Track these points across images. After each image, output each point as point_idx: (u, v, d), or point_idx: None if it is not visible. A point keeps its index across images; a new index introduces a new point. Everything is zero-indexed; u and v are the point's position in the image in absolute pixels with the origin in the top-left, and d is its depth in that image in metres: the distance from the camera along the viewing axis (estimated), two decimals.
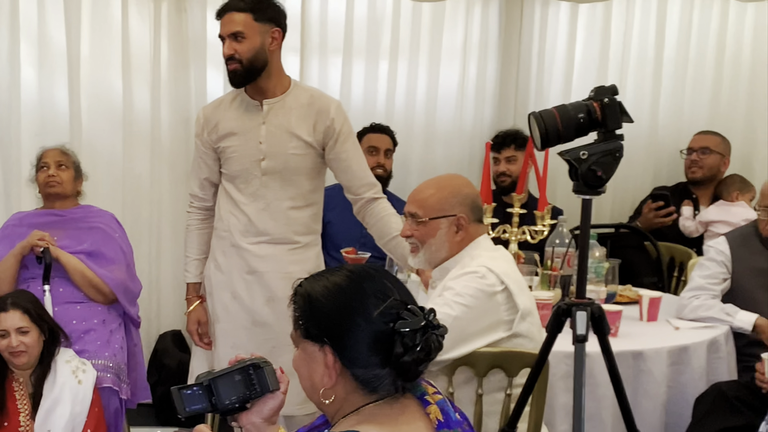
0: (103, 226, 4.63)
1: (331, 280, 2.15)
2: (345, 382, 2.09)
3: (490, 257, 3.40)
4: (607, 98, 2.93)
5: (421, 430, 2.08)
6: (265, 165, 4.11)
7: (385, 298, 2.10)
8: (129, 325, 4.61)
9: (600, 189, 2.98)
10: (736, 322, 4.51)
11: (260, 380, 2.30)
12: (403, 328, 2.05)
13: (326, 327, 2.09)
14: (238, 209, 4.18)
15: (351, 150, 4.19)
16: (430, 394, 2.16)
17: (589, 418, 3.89)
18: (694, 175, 6.22)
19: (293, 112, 4.12)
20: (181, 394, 2.30)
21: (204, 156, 4.27)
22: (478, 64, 6.38)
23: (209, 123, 4.22)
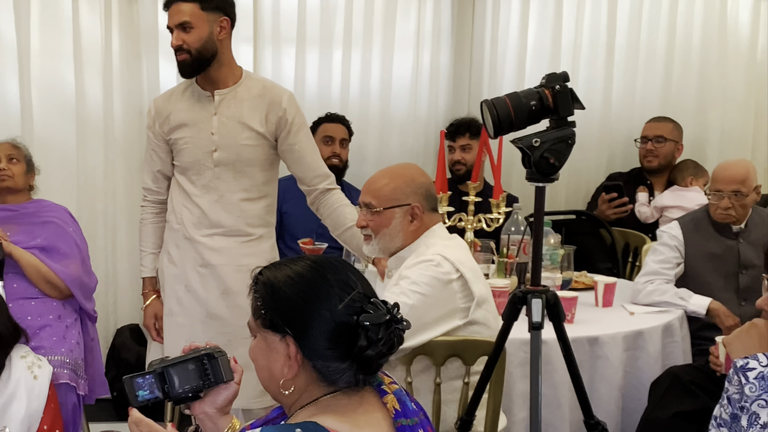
0: (57, 221, 4.58)
1: (294, 269, 2.12)
2: (305, 373, 2.08)
3: (445, 245, 3.41)
4: (559, 85, 2.93)
5: (379, 421, 2.08)
6: (217, 156, 4.09)
7: (349, 291, 2.09)
8: (85, 320, 4.57)
9: (553, 176, 2.98)
10: (690, 306, 4.55)
11: (214, 370, 2.29)
12: (367, 321, 2.04)
13: (289, 317, 2.07)
14: (190, 201, 4.15)
15: (304, 141, 4.18)
16: (386, 384, 2.15)
17: (547, 404, 3.90)
18: (651, 164, 6.25)
19: (245, 102, 4.11)
20: (133, 383, 2.29)
21: (156, 148, 4.24)
22: (431, 53, 6.38)
23: (161, 115, 4.20)
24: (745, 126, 6.83)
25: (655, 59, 6.68)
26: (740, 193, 4.62)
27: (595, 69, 6.58)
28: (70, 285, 4.41)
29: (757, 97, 6.81)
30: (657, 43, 6.67)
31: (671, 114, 6.41)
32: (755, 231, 4.68)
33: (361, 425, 2.03)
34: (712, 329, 4.48)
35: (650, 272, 4.68)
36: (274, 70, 6.02)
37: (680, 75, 6.72)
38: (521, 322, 3.10)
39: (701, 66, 6.74)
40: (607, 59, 6.57)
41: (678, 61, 6.70)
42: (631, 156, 6.49)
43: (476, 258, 4.29)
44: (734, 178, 4.63)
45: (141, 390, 2.29)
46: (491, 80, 6.45)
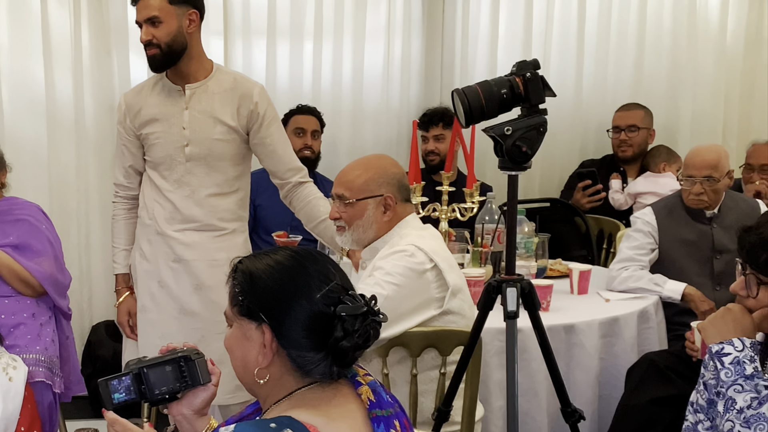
0: (29, 218, 4.54)
1: (274, 258, 2.13)
2: (280, 362, 2.08)
3: (419, 236, 3.40)
4: (530, 73, 2.93)
5: (354, 412, 2.07)
6: (189, 151, 4.07)
7: (327, 282, 2.09)
8: (60, 317, 4.54)
9: (525, 164, 2.98)
10: (666, 292, 4.56)
11: (191, 373, 2.27)
12: (344, 312, 2.05)
13: (267, 305, 2.07)
14: (162, 197, 4.13)
15: (275, 134, 4.16)
16: (361, 376, 2.15)
17: (523, 393, 3.91)
18: (625, 153, 6.26)
19: (216, 96, 4.08)
20: (109, 386, 2.26)
21: (127, 143, 4.21)
22: (402, 43, 6.37)
23: (131, 109, 4.17)
24: (715, 111, 6.86)
25: (626, 45, 6.70)
26: (712, 179, 4.63)
27: (567, 56, 6.59)
28: (43, 283, 4.37)
29: (728, 82, 6.85)
30: (628, 28, 6.69)
31: (642, 100, 6.43)
32: (728, 216, 4.69)
33: (335, 418, 2.02)
34: (687, 315, 4.49)
35: (625, 259, 4.69)
36: (245, 63, 6.00)
37: (651, 61, 6.74)
38: (497, 311, 3.10)
39: (672, 52, 6.76)
40: (578, 46, 6.58)
41: (649, 47, 6.73)
42: (603, 143, 6.50)
43: (451, 248, 4.29)
44: (706, 163, 4.64)
45: (117, 393, 2.27)
46: (463, 69, 6.45)
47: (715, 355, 2.64)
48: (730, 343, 2.64)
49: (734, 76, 6.87)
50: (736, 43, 6.84)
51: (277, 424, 1.93)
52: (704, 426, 2.75)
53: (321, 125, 5.90)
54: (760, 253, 2.62)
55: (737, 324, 2.68)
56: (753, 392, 2.57)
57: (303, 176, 4.21)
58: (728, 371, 2.61)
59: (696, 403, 2.77)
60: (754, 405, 2.56)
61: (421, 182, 4.52)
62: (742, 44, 6.85)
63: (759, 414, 2.55)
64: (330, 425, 1.99)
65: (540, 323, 3.16)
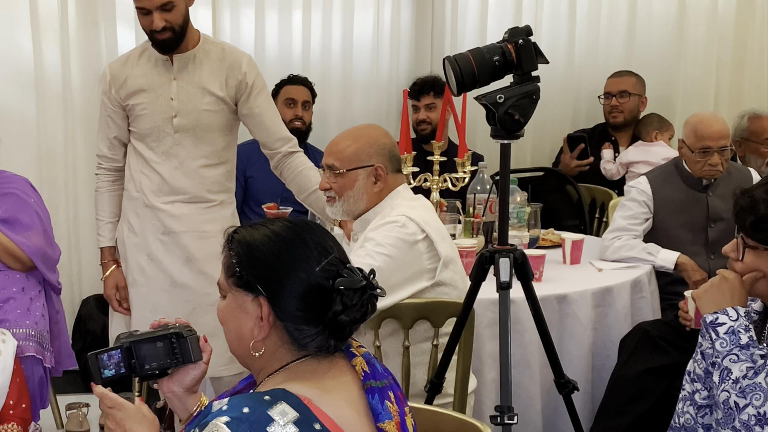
0: (18, 192, 4.51)
1: (271, 229, 2.09)
2: (276, 335, 2.05)
3: (410, 206, 3.38)
4: (522, 39, 2.91)
5: (348, 384, 2.05)
6: (177, 122, 4.03)
7: (326, 254, 2.06)
8: (50, 292, 4.52)
9: (518, 133, 2.95)
10: (659, 261, 4.54)
11: (182, 350, 2.23)
12: (343, 285, 2.02)
13: (265, 277, 2.04)
14: (150, 168, 4.09)
15: (264, 105, 4.12)
16: (355, 347, 2.13)
17: (516, 364, 3.89)
18: (616, 119, 6.24)
19: (204, 67, 4.04)
20: (98, 360, 2.23)
21: (113, 114, 4.15)
22: (392, 11, 6.32)
23: (117, 80, 4.11)
24: (707, 78, 6.83)
25: (618, 12, 6.67)
26: (726, 148, 4.60)
27: (558, 23, 6.56)
28: (32, 257, 4.35)
29: (719, 49, 6.81)
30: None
31: (634, 68, 6.40)
32: (723, 184, 4.67)
33: (329, 390, 2.00)
34: (680, 284, 4.47)
35: (618, 228, 4.67)
36: (233, 33, 5.95)
37: (643, 28, 6.71)
38: (489, 282, 3.08)
39: (663, 18, 6.73)
40: (569, 13, 6.55)
41: (641, 13, 6.69)
42: (595, 111, 6.48)
43: (442, 218, 4.27)
44: (721, 133, 4.59)
45: (106, 368, 2.24)
46: (453, 37, 6.42)
47: (709, 325, 2.62)
48: (725, 313, 2.62)
49: (726, 44, 6.84)
50: (727, 10, 6.80)
51: (272, 397, 1.91)
52: (701, 396, 2.73)
53: (312, 96, 5.86)
54: (747, 216, 2.61)
55: (733, 293, 2.65)
56: (749, 362, 2.56)
57: (293, 146, 4.18)
58: (723, 341, 2.59)
59: (693, 372, 2.75)
60: (750, 375, 2.54)
61: (412, 152, 4.49)
62: (733, 11, 6.81)
63: (755, 384, 2.53)
64: (324, 397, 1.97)
65: (533, 294, 3.15)
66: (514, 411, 2.91)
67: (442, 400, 3.37)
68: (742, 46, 6.87)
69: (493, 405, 3.65)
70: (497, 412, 2.92)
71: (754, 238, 2.63)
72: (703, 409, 2.73)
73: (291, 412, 1.89)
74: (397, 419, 2.06)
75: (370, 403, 2.04)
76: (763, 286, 2.67)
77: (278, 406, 1.89)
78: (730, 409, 2.54)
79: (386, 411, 2.04)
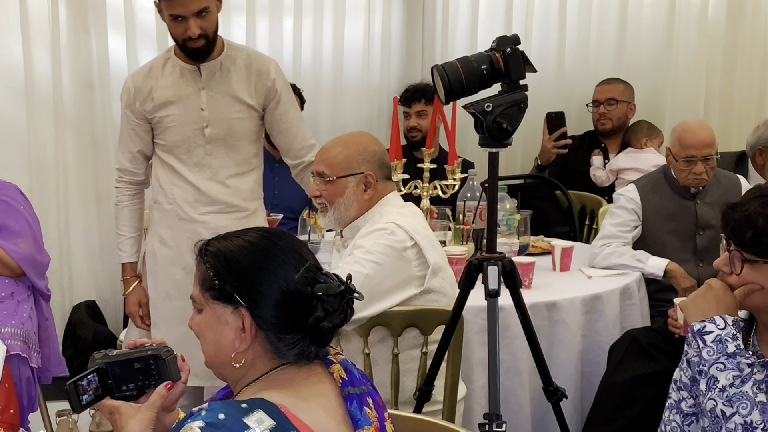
0: (7, 199, 4.50)
1: (245, 239, 2.09)
2: (257, 345, 2.06)
3: (399, 213, 3.38)
4: (510, 48, 2.91)
5: (327, 392, 2.06)
6: (209, 132, 3.95)
7: (303, 261, 2.07)
8: (39, 298, 4.51)
9: (506, 141, 2.96)
10: (648, 268, 4.55)
11: (160, 371, 2.20)
12: (322, 291, 2.03)
13: (245, 287, 2.04)
14: (182, 179, 4.00)
15: (291, 111, 4.07)
16: (332, 355, 2.14)
17: (506, 371, 3.91)
18: (605, 127, 6.25)
19: (232, 74, 3.96)
20: (77, 388, 2.18)
21: (136, 128, 4.05)
22: (383, 18, 6.34)
23: (141, 92, 4.00)
24: (697, 86, 6.84)
25: (608, 20, 6.68)
26: (711, 157, 4.60)
27: (548, 31, 6.58)
28: (22, 264, 4.34)
29: (709, 56, 6.82)
30: (609, 3, 6.67)
31: (624, 75, 6.41)
32: (711, 192, 4.68)
33: (306, 397, 2.01)
34: (669, 291, 4.48)
35: (607, 235, 4.67)
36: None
37: (633, 35, 6.72)
38: (479, 288, 3.09)
39: (653, 26, 6.74)
40: (559, 21, 6.56)
41: (631, 21, 6.70)
42: (585, 118, 6.49)
43: (432, 225, 4.27)
44: (705, 142, 4.59)
45: (85, 394, 2.21)
46: (443, 44, 6.43)
47: (697, 333, 2.63)
48: (712, 321, 2.62)
49: (716, 50, 6.85)
50: (717, 16, 6.82)
51: (249, 405, 1.92)
52: (687, 404, 2.73)
53: (301, 102, 5.86)
54: (745, 230, 2.61)
55: (719, 302, 2.66)
56: (735, 370, 2.56)
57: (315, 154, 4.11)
58: (710, 349, 2.59)
59: (679, 380, 2.76)
60: (737, 383, 2.55)
61: (402, 159, 4.49)
62: (723, 17, 6.83)
63: (741, 392, 2.54)
64: (301, 405, 1.98)
65: (522, 302, 3.15)
66: (502, 419, 2.91)
67: (431, 407, 3.36)
68: (732, 52, 6.88)
69: (482, 411, 3.66)
70: (486, 419, 2.92)
71: (752, 252, 2.63)
72: (689, 417, 2.74)
73: (267, 420, 1.90)
74: (376, 425, 2.07)
75: (348, 410, 2.05)
76: (759, 299, 2.67)
77: (255, 414, 1.90)
78: (716, 417, 2.55)
79: (365, 417, 2.06)
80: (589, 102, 6.32)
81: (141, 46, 5.72)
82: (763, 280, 2.63)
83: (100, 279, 5.83)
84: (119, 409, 2.17)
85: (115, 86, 5.64)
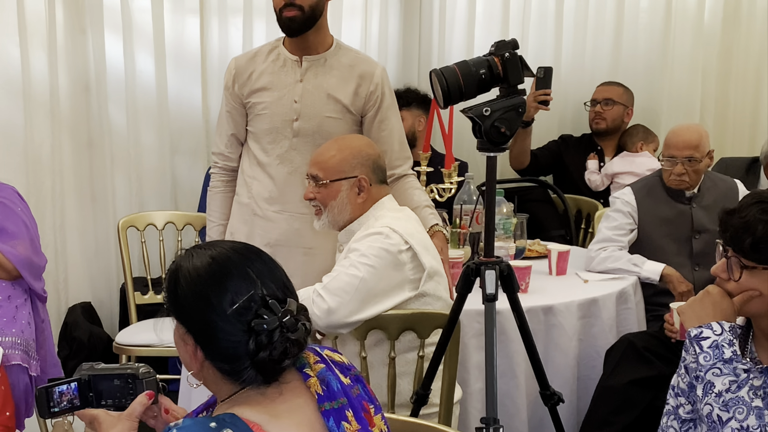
0: (4, 201, 4.49)
1: (195, 264, 2.04)
2: (209, 370, 2.04)
3: (394, 217, 3.39)
4: (508, 53, 2.92)
5: (302, 407, 2.02)
6: (297, 126, 3.90)
7: (245, 292, 2.00)
8: (35, 300, 4.50)
9: (504, 145, 2.97)
10: (644, 273, 4.55)
11: (137, 390, 2.24)
12: (257, 327, 1.97)
13: (186, 316, 2.03)
14: (263, 173, 3.96)
15: (393, 119, 3.97)
16: (311, 365, 2.09)
17: (502, 374, 3.91)
18: (599, 126, 6.26)
19: (334, 72, 3.91)
20: (48, 394, 2.23)
21: (232, 110, 4.02)
22: (380, 21, 6.33)
23: (241, 75, 3.97)
24: (693, 90, 6.84)
25: (604, 25, 6.68)
26: (693, 159, 4.62)
27: (545, 36, 6.57)
28: (18, 266, 4.34)
29: (705, 61, 6.83)
30: (606, 8, 6.68)
31: (621, 79, 6.43)
32: (707, 196, 4.69)
33: (279, 415, 1.98)
34: (665, 295, 4.49)
35: (603, 239, 4.68)
36: (221, 42, 5.94)
37: (629, 40, 6.73)
38: (476, 292, 3.10)
39: (649, 31, 6.75)
40: (556, 24, 6.56)
41: (627, 26, 6.71)
42: (581, 123, 6.49)
43: None
44: (687, 143, 4.62)
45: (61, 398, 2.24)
46: (440, 47, 6.42)
47: (693, 339, 2.63)
48: (709, 327, 2.63)
49: (711, 55, 6.86)
50: (713, 21, 6.83)
51: (218, 423, 1.89)
52: (685, 410, 2.74)
53: None
54: (744, 237, 2.61)
55: (716, 307, 2.67)
56: (731, 376, 2.57)
57: (408, 167, 4.03)
58: (707, 355, 2.60)
59: (677, 386, 2.76)
60: (733, 389, 2.55)
61: None
62: (719, 22, 6.84)
63: (738, 398, 2.54)
64: (273, 422, 1.95)
65: (519, 306, 3.16)
66: (499, 423, 2.92)
67: (426, 411, 3.37)
68: (728, 57, 6.89)
69: (478, 415, 3.66)
70: (483, 424, 2.93)
71: (752, 259, 2.64)
72: (687, 423, 2.74)
73: None
74: None
75: (327, 426, 2.01)
76: (758, 305, 2.68)
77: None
78: (713, 422, 2.55)
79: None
80: (588, 101, 6.33)
81: (138, 48, 5.71)
82: (762, 286, 2.63)
83: (95, 280, 5.82)
84: (98, 418, 2.19)
85: (111, 88, 5.65)
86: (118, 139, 5.73)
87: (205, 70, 5.89)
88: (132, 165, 5.78)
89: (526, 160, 6.18)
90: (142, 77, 5.75)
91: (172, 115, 5.84)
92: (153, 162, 5.85)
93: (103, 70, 5.62)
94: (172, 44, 5.81)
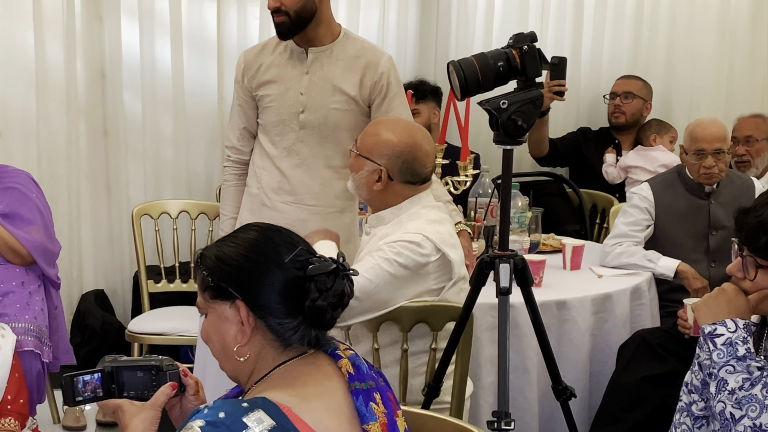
0: (20, 187, 4.50)
1: (236, 237, 2.16)
2: (259, 335, 2.08)
3: (429, 220, 3.32)
4: (527, 45, 2.91)
5: (332, 390, 2.07)
6: (303, 118, 3.90)
7: (294, 247, 2.11)
8: (48, 286, 4.51)
9: (521, 139, 2.96)
10: (659, 269, 4.54)
11: (160, 382, 2.25)
12: (314, 272, 2.07)
13: (237, 279, 2.08)
14: (271, 164, 3.96)
15: (400, 108, 3.95)
16: (341, 350, 2.15)
17: (514, 369, 3.89)
18: (618, 120, 6.24)
19: (340, 63, 3.90)
20: (74, 382, 2.24)
21: (243, 104, 4.04)
22: (398, 13, 6.32)
23: (250, 68, 3.99)
24: (717, 86, 6.80)
25: (624, 18, 6.66)
26: (722, 151, 4.60)
27: (564, 29, 6.55)
28: (32, 252, 4.35)
29: (731, 57, 6.79)
30: (625, 1, 6.64)
31: (639, 72, 6.41)
32: (725, 192, 4.67)
33: (309, 397, 2.01)
34: (680, 291, 4.47)
35: (619, 234, 4.66)
36: (239, 30, 5.93)
37: (649, 34, 6.70)
38: (489, 285, 3.08)
39: (670, 24, 6.72)
40: (575, 18, 6.54)
41: (647, 19, 6.68)
42: (599, 117, 6.48)
43: None
44: (716, 136, 4.60)
45: (84, 388, 2.25)
46: (458, 39, 6.41)
47: (707, 336, 2.62)
48: (723, 324, 2.61)
49: (739, 52, 6.81)
50: (737, 17, 6.78)
51: (250, 404, 1.93)
52: (698, 407, 2.72)
53: None
54: (760, 236, 2.59)
55: (731, 305, 2.65)
56: (745, 373, 2.56)
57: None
58: (720, 352, 2.59)
59: (690, 383, 2.75)
60: (746, 386, 2.54)
61: None
62: (745, 18, 6.79)
63: (751, 395, 2.53)
64: (302, 405, 1.98)
65: (533, 300, 3.14)
66: (511, 417, 2.91)
67: (438, 405, 3.35)
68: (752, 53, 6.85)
69: (489, 408, 3.65)
70: (494, 417, 2.92)
71: (766, 258, 2.62)
72: (699, 420, 2.73)
73: (267, 420, 1.91)
74: (383, 420, 2.07)
75: (355, 405, 2.06)
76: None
77: (255, 414, 1.91)
78: (726, 420, 2.54)
79: (371, 413, 2.06)
80: (607, 94, 6.31)
81: (155, 35, 5.71)
82: None
83: (109, 268, 5.82)
84: (122, 407, 2.21)
85: (127, 76, 5.65)
86: (134, 127, 5.73)
87: (221, 59, 5.88)
88: (147, 153, 5.78)
89: (545, 148, 6.18)
90: (159, 65, 5.75)
91: (188, 104, 5.84)
92: (168, 150, 5.86)
93: (119, 58, 5.62)
94: (189, 32, 5.80)
